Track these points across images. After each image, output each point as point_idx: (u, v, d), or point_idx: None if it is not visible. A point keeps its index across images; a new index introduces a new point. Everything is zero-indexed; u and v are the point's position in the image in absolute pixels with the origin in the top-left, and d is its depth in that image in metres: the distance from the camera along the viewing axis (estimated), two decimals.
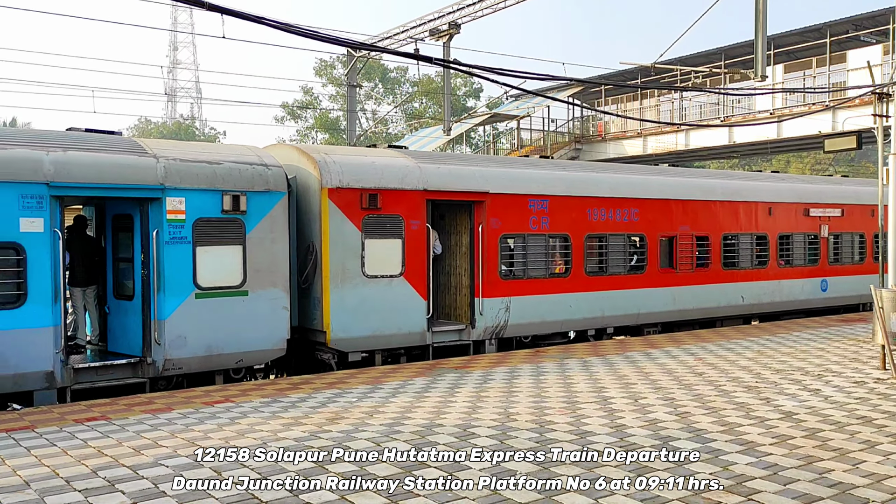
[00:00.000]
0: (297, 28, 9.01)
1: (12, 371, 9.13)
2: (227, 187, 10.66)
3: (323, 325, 11.50)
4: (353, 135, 32.95)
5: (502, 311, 13.33)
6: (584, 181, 14.70)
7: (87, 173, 9.66)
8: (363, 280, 11.78)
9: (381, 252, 11.96)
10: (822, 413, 8.04)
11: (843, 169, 52.02)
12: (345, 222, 11.61)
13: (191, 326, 10.33)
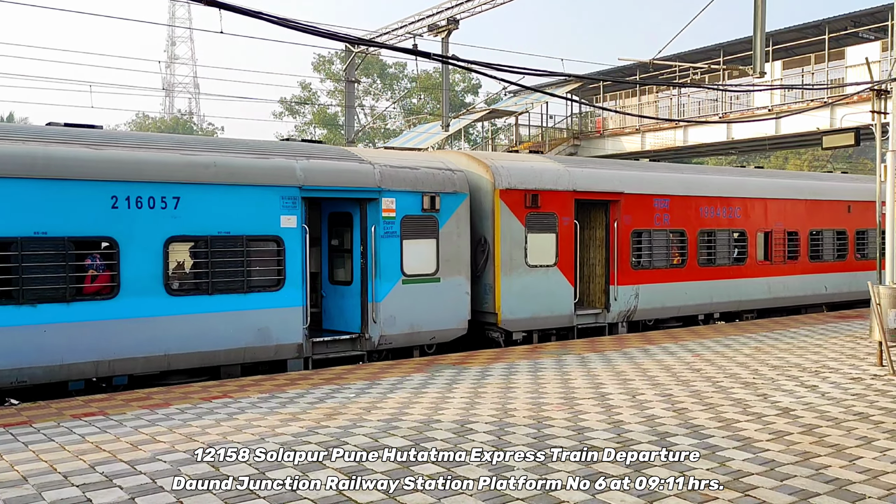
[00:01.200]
0: (295, 23, 8.99)
1: (274, 342, 11.09)
2: (425, 189, 12.58)
3: (494, 308, 13.31)
4: (351, 131, 32.92)
5: (632, 298, 15.18)
6: (698, 183, 16.64)
7: (325, 178, 11.62)
8: (526, 269, 13.59)
9: (539, 245, 13.75)
10: (819, 409, 8.05)
11: (842, 166, 52.07)
12: (512, 219, 13.43)
13: (399, 308, 12.26)
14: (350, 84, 33.46)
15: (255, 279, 10.94)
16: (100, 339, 9.70)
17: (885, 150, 14.92)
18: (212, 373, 10.81)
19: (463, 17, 28.85)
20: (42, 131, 10.08)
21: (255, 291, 10.92)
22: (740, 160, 49.38)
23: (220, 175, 10.66)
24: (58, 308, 9.41)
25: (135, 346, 9.97)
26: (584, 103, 37.30)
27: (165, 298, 10.19)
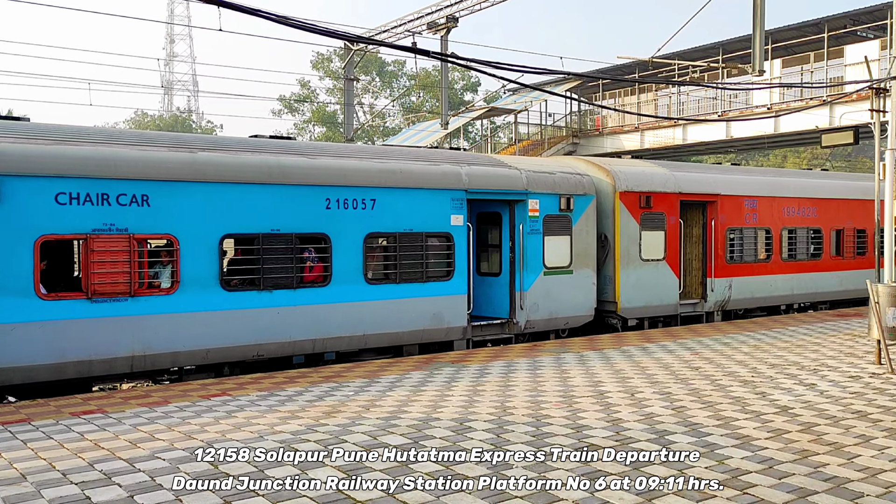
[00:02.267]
0: (294, 21, 8.97)
1: (445, 325, 12.75)
2: (561, 191, 14.20)
3: (614, 298, 14.95)
4: (350, 129, 32.90)
5: (726, 289, 16.80)
6: (781, 185, 18.25)
7: (485, 182, 13.27)
8: (640, 263, 15.19)
9: (651, 241, 15.35)
10: (818, 407, 8.06)
11: (840, 164, 52.06)
12: (629, 218, 15.04)
13: (541, 296, 13.89)
14: (349, 82, 33.43)
15: (430, 270, 12.61)
16: (316, 320, 11.40)
17: (884, 149, 14.92)
18: (395, 351, 12.50)
19: (462, 14, 28.83)
20: (266, 143, 11.76)
21: (430, 281, 12.57)
22: (739, 158, 49.36)
23: (405, 180, 12.35)
24: (287, 294, 11.15)
25: (342, 326, 11.65)
26: (583, 101, 37.30)
27: (365, 286, 11.88)
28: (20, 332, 9.17)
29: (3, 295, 9.07)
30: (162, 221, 10.14)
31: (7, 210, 9.09)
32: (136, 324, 9.90)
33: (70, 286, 10.16)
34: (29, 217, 9.25)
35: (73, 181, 9.51)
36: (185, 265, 10.26)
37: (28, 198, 9.23)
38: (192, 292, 10.34)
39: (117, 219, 9.77)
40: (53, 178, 9.40)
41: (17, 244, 9.14)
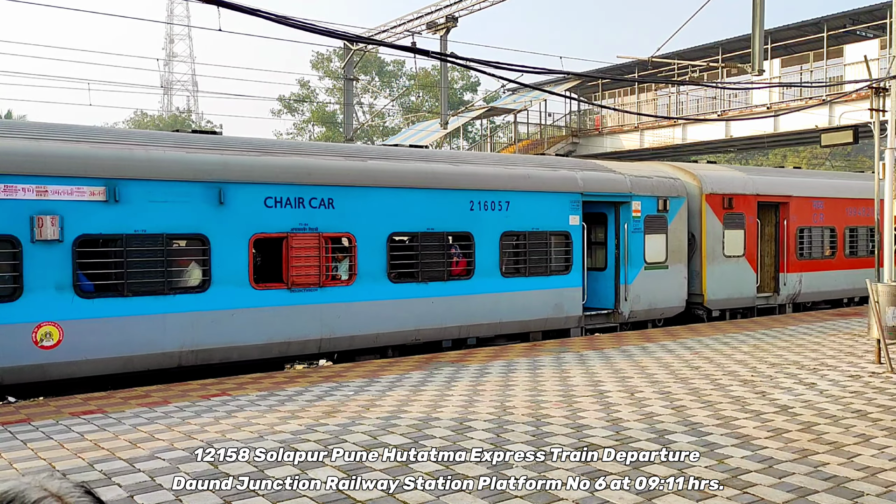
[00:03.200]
0: (293, 21, 8.97)
1: (564, 314, 14.20)
2: (659, 194, 15.60)
3: (701, 291, 16.42)
4: (349, 128, 32.87)
5: (797, 283, 18.28)
6: (845, 187, 19.68)
7: (596, 186, 14.65)
8: (723, 259, 16.60)
9: (732, 239, 16.72)
10: (818, 407, 8.06)
11: (840, 164, 52.04)
12: (714, 218, 16.49)
13: (642, 289, 15.33)
14: (349, 82, 33.42)
15: (553, 265, 14.04)
16: (462, 309, 12.84)
17: (883, 148, 14.92)
18: (522, 337, 13.83)
19: (462, 14, 28.81)
20: (419, 153, 13.51)
21: (553, 274, 14.00)
22: (739, 158, 49.32)
23: (532, 184, 13.80)
24: (439, 285, 12.65)
25: (482, 314, 13.05)
26: (582, 101, 37.29)
27: (501, 279, 13.27)
28: (239, 316, 10.76)
29: (229, 284, 10.61)
30: (343, 221, 11.65)
31: (229, 212, 10.62)
32: (323, 311, 11.45)
33: (273, 278, 11.34)
34: (245, 218, 10.82)
35: (277, 187, 10.99)
36: (361, 260, 11.82)
37: (244, 202, 10.76)
38: (366, 283, 11.87)
39: (310, 219, 11.29)
40: (263, 185, 10.89)
41: (238, 241, 10.71)
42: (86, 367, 9.71)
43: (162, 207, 10.11)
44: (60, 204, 9.43)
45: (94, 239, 9.77)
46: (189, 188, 10.30)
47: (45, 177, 9.34)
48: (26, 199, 9.23)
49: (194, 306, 10.35)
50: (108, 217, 9.75)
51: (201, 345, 10.41)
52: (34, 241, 9.25)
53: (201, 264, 10.54)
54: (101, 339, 9.72)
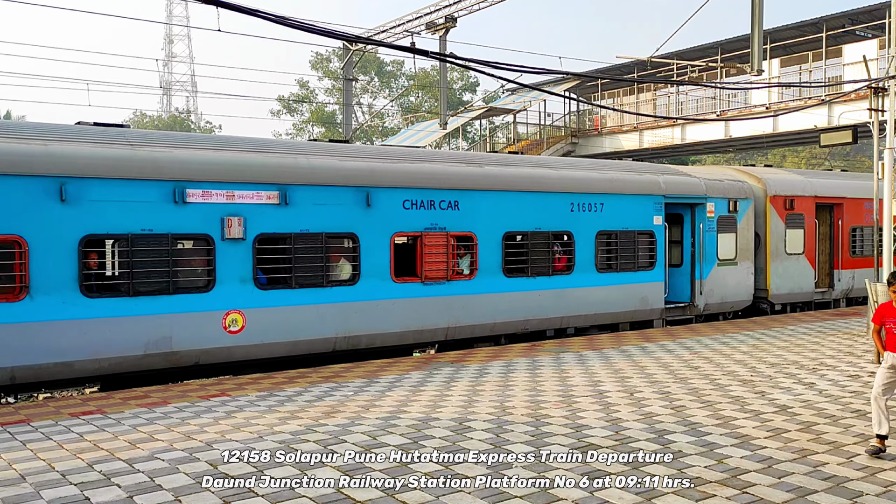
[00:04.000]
0: (292, 21, 8.96)
1: (649, 307, 15.44)
2: (729, 196, 16.88)
3: (765, 286, 17.75)
4: (349, 129, 32.85)
5: (850, 279, 19.48)
6: None
7: (676, 189, 15.97)
8: (785, 256, 17.95)
9: (793, 238, 18.09)
10: (817, 407, 8.06)
11: (839, 163, 52.05)
12: (777, 218, 17.82)
13: (715, 284, 16.58)
14: (348, 82, 33.40)
15: (639, 262, 15.23)
16: (563, 301, 14.11)
17: (882, 148, 14.93)
18: (611, 328, 15.08)
19: (461, 14, 28.79)
20: (525, 159, 14.94)
21: (640, 270, 15.21)
22: (738, 158, 49.33)
23: (622, 187, 15.08)
24: (544, 280, 13.88)
25: (580, 306, 14.35)
26: (581, 101, 37.29)
27: (596, 274, 14.56)
28: (382, 306, 12.03)
29: (374, 278, 11.97)
30: (466, 222, 12.94)
31: (375, 214, 11.92)
32: (450, 302, 12.71)
33: (408, 272, 12.51)
34: (387, 219, 12.12)
35: (413, 191, 12.33)
36: (481, 256, 13.12)
37: (387, 204, 12.07)
38: (485, 278, 13.15)
39: (439, 220, 12.60)
40: (402, 189, 12.24)
41: (382, 239, 12.04)
42: (262, 349, 11.09)
43: (322, 209, 11.53)
44: (244, 207, 10.84)
45: (269, 237, 11.11)
46: (343, 192, 11.73)
47: (233, 183, 10.77)
48: (218, 202, 10.65)
49: (346, 297, 11.74)
50: (280, 218, 11.14)
51: (352, 331, 11.78)
52: (224, 240, 10.67)
53: (351, 260, 11.92)
54: (274, 325, 11.10)
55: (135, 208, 10.01)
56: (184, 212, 10.34)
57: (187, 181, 10.39)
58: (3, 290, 9.19)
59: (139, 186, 10.04)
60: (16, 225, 9.24)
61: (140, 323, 9.98)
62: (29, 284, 9.28)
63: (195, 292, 10.47)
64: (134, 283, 9.95)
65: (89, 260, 9.80)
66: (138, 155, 10.16)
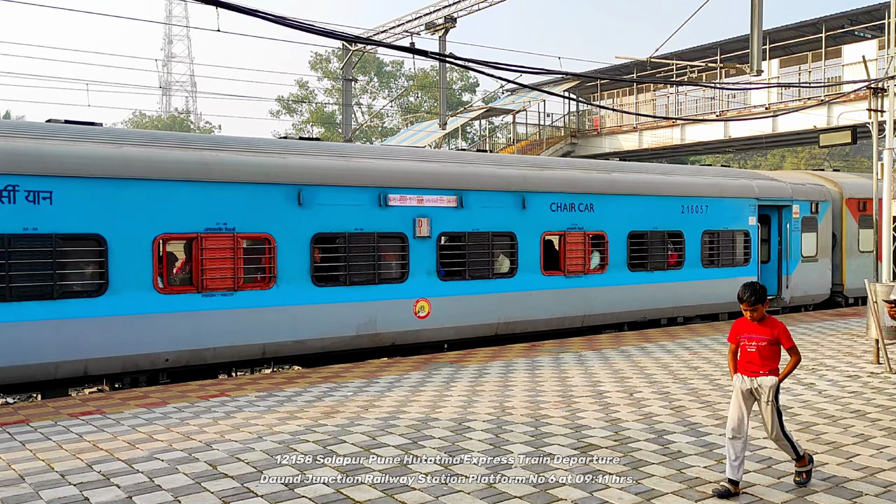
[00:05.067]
0: (292, 21, 8.96)
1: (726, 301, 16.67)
2: (811, 199, 18.49)
3: (841, 281, 19.32)
4: (348, 129, 32.85)
5: None
6: None
7: (766, 192, 17.63)
8: (857, 254, 19.46)
9: (865, 237, 19.45)
10: (816, 407, 8.07)
11: (839, 164, 52.07)
12: (851, 219, 19.43)
13: (799, 279, 18.23)
14: (347, 82, 33.40)
15: (736, 258, 17.01)
16: (675, 293, 15.77)
17: (881, 148, 14.94)
18: (712, 318, 16.62)
19: (460, 15, 28.80)
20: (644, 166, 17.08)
21: (736, 266, 16.91)
22: (737, 158, 49.34)
23: (723, 191, 16.84)
24: (660, 274, 15.57)
25: (688, 298, 15.99)
26: (581, 101, 37.29)
27: (702, 269, 16.28)
28: (534, 296, 13.77)
29: (528, 272, 13.67)
30: (600, 222, 14.64)
31: (529, 215, 13.69)
32: (586, 293, 14.48)
33: (553, 266, 14.27)
34: (538, 219, 13.81)
35: (557, 195, 14.13)
36: (611, 252, 14.76)
37: (538, 207, 13.85)
38: (614, 272, 14.80)
39: (578, 220, 14.36)
40: (549, 194, 14.03)
41: (533, 237, 13.87)
42: (442, 333, 12.81)
43: (488, 211, 13.27)
44: (430, 209, 12.62)
45: (449, 235, 12.90)
46: (504, 196, 13.50)
47: (422, 189, 12.55)
48: (411, 206, 12.42)
49: (506, 288, 13.47)
50: (457, 219, 12.94)
51: (510, 318, 13.52)
52: (415, 238, 12.45)
53: (509, 255, 13.60)
54: (452, 312, 12.84)
55: (350, 211, 11.83)
56: (386, 214, 12.15)
57: (389, 187, 12.18)
58: (259, 279, 11.11)
59: (354, 192, 11.89)
60: (267, 225, 11.05)
61: (353, 308, 11.79)
62: (277, 275, 11.13)
63: (393, 283, 12.27)
64: (350, 274, 11.77)
65: (317, 254, 11.59)
66: (352, 165, 12.02)
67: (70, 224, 9.58)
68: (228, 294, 10.70)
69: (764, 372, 5.50)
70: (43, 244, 9.35)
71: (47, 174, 9.42)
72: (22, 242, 9.21)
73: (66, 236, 9.56)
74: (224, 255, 10.67)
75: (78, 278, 9.75)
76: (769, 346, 5.55)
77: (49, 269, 9.38)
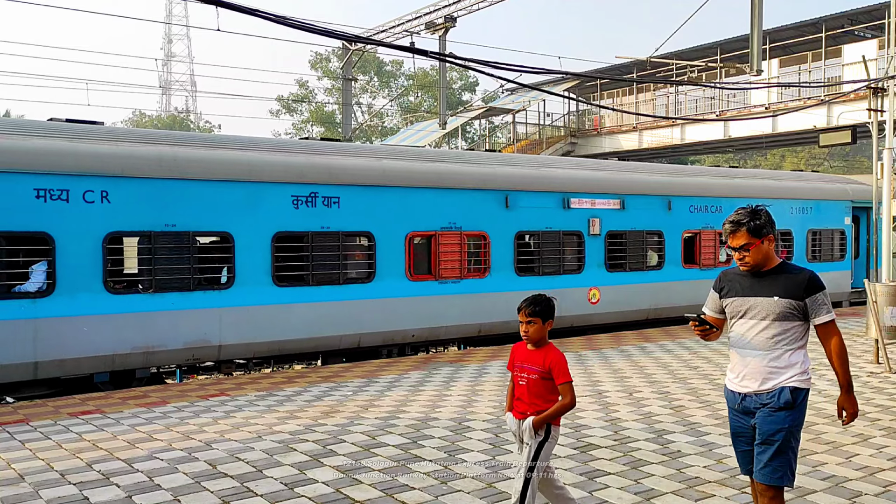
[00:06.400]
0: (292, 21, 8.96)
1: (841, 290, 18.93)
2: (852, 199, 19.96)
3: None
4: (348, 129, 32.85)
5: None
6: None
7: (858, 195, 19.68)
8: None
9: None
10: (816, 406, 8.06)
11: (838, 164, 52.02)
12: None
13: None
14: (347, 82, 33.39)
15: (834, 254, 18.83)
16: None
17: (881, 148, 14.94)
18: None
19: (460, 14, 28.79)
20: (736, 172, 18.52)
21: (835, 261, 18.84)
22: (737, 158, 49.34)
23: (824, 194, 18.72)
24: None
25: None
26: (581, 101, 37.29)
27: (807, 263, 17.22)
28: (677, 286, 16.00)
29: (673, 265, 15.94)
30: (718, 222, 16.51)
31: (673, 216, 16.00)
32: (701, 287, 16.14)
33: (691, 260, 16.41)
34: (680, 219, 16.08)
35: (695, 199, 16.23)
36: None
37: (680, 208, 15.98)
38: None
39: (710, 220, 16.64)
40: (688, 197, 16.12)
41: (677, 235, 15.97)
42: (607, 317, 15.05)
43: (643, 213, 15.50)
44: (600, 211, 14.82)
45: (613, 233, 15.05)
46: (656, 200, 15.71)
47: (593, 194, 14.75)
48: (586, 208, 14.71)
49: (656, 279, 15.74)
50: (620, 219, 15.17)
51: (658, 304, 15.81)
52: (589, 235, 14.66)
53: (657, 251, 15.76)
54: (615, 299, 15.06)
55: (541, 212, 14.05)
56: (567, 215, 14.43)
57: (570, 192, 14.46)
58: (478, 269, 13.27)
59: (545, 197, 14.13)
60: (483, 223, 13.24)
61: None
62: (490, 266, 13.32)
63: (572, 273, 14.47)
64: (542, 266, 14.04)
65: (518, 248, 13.76)
66: (543, 174, 14.37)
67: (351, 224, 11.83)
68: (456, 282, 12.97)
69: (531, 413, 4.27)
70: (334, 240, 11.65)
71: (337, 183, 11.68)
72: (320, 238, 11.49)
73: (348, 233, 11.84)
74: (453, 250, 12.94)
75: (354, 267, 12.07)
76: (540, 380, 4.29)
77: (337, 259, 11.69)
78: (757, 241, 3.93)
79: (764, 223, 3.95)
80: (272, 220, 11.10)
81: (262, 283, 11.00)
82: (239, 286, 10.83)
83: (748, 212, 3.98)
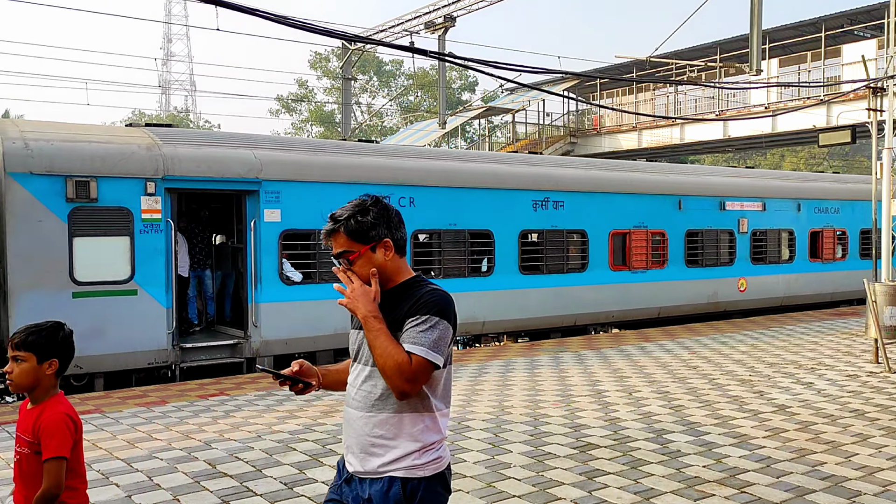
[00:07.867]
0: (291, 20, 8.95)
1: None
2: None
3: None
4: (347, 128, 32.83)
5: None
6: None
7: None
8: None
9: None
10: (815, 406, 8.07)
11: (838, 163, 52.04)
12: None
13: None
14: (347, 81, 33.36)
15: None
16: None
17: (881, 148, 14.94)
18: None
19: (460, 14, 28.77)
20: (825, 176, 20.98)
21: None
22: (737, 158, 49.33)
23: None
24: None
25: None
26: (580, 101, 37.28)
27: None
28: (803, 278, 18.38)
29: (799, 259, 18.24)
30: (841, 221, 19.14)
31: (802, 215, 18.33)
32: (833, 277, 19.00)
33: (815, 255, 18.63)
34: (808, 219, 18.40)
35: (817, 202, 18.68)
36: (851, 245, 19.29)
37: (808, 209, 18.41)
38: (851, 260, 19.28)
39: (832, 220, 19.03)
40: (812, 200, 18.41)
41: (804, 233, 18.36)
42: (751, 303, 17.27)
43: (779, 214, 17.73)
44: (747, 212, 17.11)
45: (757, 231, 17.35)
46: (788, 203, 18.06)
47: (742, 197, 17.13)
48: (736, 209, 16.94)
49: (788, 270, 18.03)
50: (762, 219, 17.47)
51: (790, 294, 18.15)
52: (738, 233, 16.96)
53: (788, 246, 17.96)
54: (758, 288, 17.36)
55: (704, 213, 16.29)
56: (723, 216, 16.69)
57: (726, 196, 16.77)
58: (657, 261, 15.52)
59: (707, 200, 16.38)
60: (662, 223, 15.56)
61: (705, 284, 16.39)
62: (668, 259, 15.67)
63: (726, 265, 16.70)
64: (704, 258, 16.27)
65: (687, 244, 15.97)
66: (705, 181, 16.73)
67: (572, 222, 14.21)
68: (644, 272, 15.29)
69: None
70: (560, 236, 14.09)
71: (562, 190, 14.12)
72: (550, 235, 13.97)
73: (569, 231, 14.21)
74: (641, 245, 15.25)
75: (573, 259, 14.39)
76: (32, 455, 2.95)
77: (562, 252, 14.16)
78: (363, 248, 2.67)
79: (374, 222, 2.66)
80: (519, 220, 13.56)
81: (512, 272, 13.44)
82: (497, 274, 13.29)
83: (353, 205, 2.70)
